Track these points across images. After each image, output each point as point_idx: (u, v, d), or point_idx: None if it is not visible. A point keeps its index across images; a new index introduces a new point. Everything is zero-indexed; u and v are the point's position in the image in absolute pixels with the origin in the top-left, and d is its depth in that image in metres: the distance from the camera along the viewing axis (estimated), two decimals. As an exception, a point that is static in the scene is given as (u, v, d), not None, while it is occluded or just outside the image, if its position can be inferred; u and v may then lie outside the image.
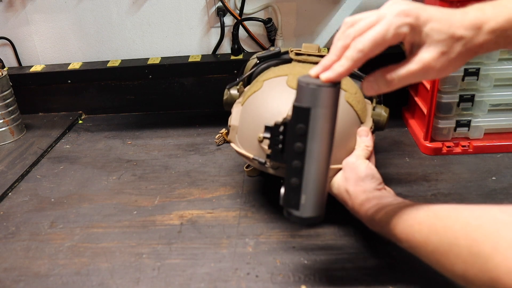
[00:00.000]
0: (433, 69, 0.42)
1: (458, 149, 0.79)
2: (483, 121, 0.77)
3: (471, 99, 0.75)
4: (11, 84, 0.95)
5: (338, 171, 0.59)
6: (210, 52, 1.03)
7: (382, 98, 0.69)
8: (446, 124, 0.77)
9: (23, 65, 1.08)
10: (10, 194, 0.77)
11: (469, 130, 0.78)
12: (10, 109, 0.94)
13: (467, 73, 0.73)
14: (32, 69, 1.03)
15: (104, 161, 0.85)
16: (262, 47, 1.01)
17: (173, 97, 1.03)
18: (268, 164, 0.59)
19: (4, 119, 0.93)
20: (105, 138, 0.95)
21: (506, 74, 0.74)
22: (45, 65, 1.05)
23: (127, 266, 0.58)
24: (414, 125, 0.86)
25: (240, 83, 0.73)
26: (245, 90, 0.71)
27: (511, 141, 0.78)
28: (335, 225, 0.62)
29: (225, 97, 0.72)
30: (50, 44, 1.05)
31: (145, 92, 1.03)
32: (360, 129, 0.61)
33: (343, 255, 0.57)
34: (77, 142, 0.94)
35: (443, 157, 0.78)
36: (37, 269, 0.59)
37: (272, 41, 1.01)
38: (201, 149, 0.87)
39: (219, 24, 0.99)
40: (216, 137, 0.88)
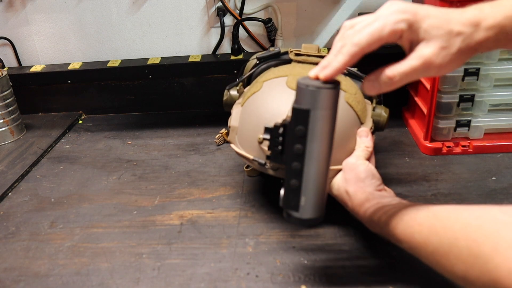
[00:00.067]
0: (433, 64, 0.42)
1: (458, 149, 0.79)
2: (483, 121, 0.77)
3: (471, 99, 0.75)
4: (11, 84, 0.95)
5: (338, 172, 0.59)
6: (210, 52, 1.03)
7: (382, 98, 0.69)
8: (446, 124, 0.77)
9: (23, 65, 1.08)
10: (10, 194, 0.77)
11: (469, 130, 0.78)
12: (10, 109, 0.94)
13: (467, 73, 0.73)
14: (32, 69, 1.03)
15: (104, 161, 0.85)
16: (262, 47, 1.01)
17: (173, 97, 1.03)
18: (268, 165, 0.59)
19: (4, 119, 0.93)
20: (105, 138, 0.95)
21: (506, 74, 0.74)
22: (45, 65, 1.05)
23: (127, 266, 0.58)
24: (414, 125, 0.86)
25: (240, 84, 0.73)
26: (245, 91, 0.71)
27: (511, 141, 0.78)
28: (335, 225, 0.62)
29: (225, 97, 0.72)
30: (50, 44, 1.05)
31: (145, 92, 1.03)
32: (360, 130, 0.61)
33: (343, 255, 0.57)
34: (77, 142, 0.94)
35: (443, 157, 0.78)
36: (37, 269, 0.59)
37: (272, 41, 1.01)
38: (201, 149, 0.87)
39: (219, 24, 0.99)
40: (216, 137, 0.88)
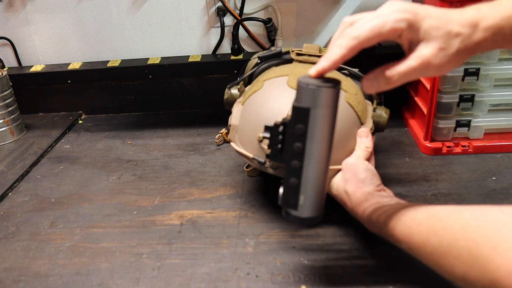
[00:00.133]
0: (432, 65, 0.42)
1: (458, 149, 0.79)
2: (483, 121, 0.77)
3: (471, 99, 0.75)
4: (11, 84, 0.95)
5: (337, 172, 0.59)
6: (210, 52, 1.03)
7: (383, 99, 0.69)
8: (446, 124, 0.77)
9: (23, 65, 1.08)
10: (10, 194, 0.77)
11: (469, 130, 0.78)
12: (10, 109, 0.94)
13: (467, 73, 0.73)
14: (32, 69, 1.03)
15: (104, 161, 0.85)
16: (262, 47, 1.01)
17: (173, 97, 1.03)
18: (268, 164, 0.59)
19: (4, 119, 0.93)
20: (105, 138, 0.95)
21: (506, 74, 0.74)
22: (45, 65, 1.05)
23: (127, 266, 0.58)
24: (414, 125, 0.86)
25: (240, 83, 0.73)
26: (246, 89, 0.71)
27: (511, 141, 0.78)
28: (335, 225, 0.62)
29: (225, 96, 0.72)
30: (50, 44, 1.05)
31: (145, 92, 1.03)
32: (360, 130, 0.61)
33: (343, 255, 0.57)
34: (77, 142, 0.94)
35: (443, 157, 0.78)
36: (37, 269, 0.59)
37: (272, 41, 1.01)
38: (201, 149, 0.87)
39: (219, 24, 0.99)
40: (216, 137, 0.88)
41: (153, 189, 0.75)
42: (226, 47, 1.03)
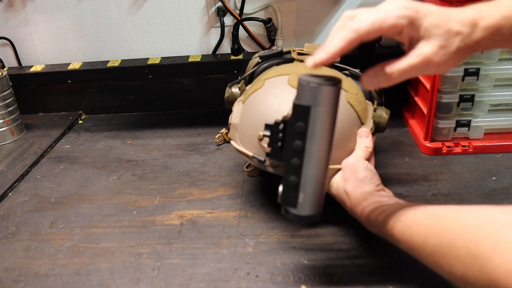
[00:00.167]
0: (432, 63, 0.42)
1: (458, 149, 0.79)
2: (483, 121, 0.77)
3: (471, 99, 0.75)
4: (11, 84, 0.95)
5: (337, 171, 0.59)
6: (210, 52, 1.03)
7: (384, 100, 0.69)
8: (446, 124, 0.77)
9: (23, 65, 1.08)
10: (10, 194, 0.77)
11: (469, 130, 0.78)
12: (10, 109, 0.94)
13: (467, 73, 0.73)
14: (32, 69, 1.03)
15: (104, 161, 0.85)
16: (262, 47, 1.01)
17: (173, 97, 1.03)
18: (268, 163, 0.59)
19: (4, 119, 0.93)
20: (105, 138, 0.95)
21: (506, 74, 0.74)
22: (45, 65, 1.05)
23: (127, 266, 0.58)
24: (414, 125, 0.86)
25: (241, 82, 0.73)
26: (247, 88, 0.71)
27: (511, 141, 0.78)
28: (335, 225, 0.62)
29: (226, 95, 0.72)
30: (50, 44, 1.05)
31: (145, 92, 1.03)
32: (361, 130, 0.61)
33: (343, 255, 0.57)
34: (77, 142, 0.94)
35: (443, 157, 0.78)
36: (37, 269, 0.59)
37: (272, 41, 1.01)
38: (201, 149, 0.87)
39: (219, 24, 0.99)
40: (216, 137, 0.88)
41: (153, 189, 0.75)
42: (226, 47, 1.03)
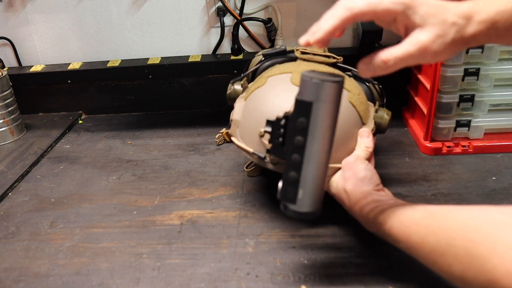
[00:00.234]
0: (429, 51, 0.42)
1: (458, 149, 0.79)
2: (483, 121, 0.77)
3: (471, 99, 0.75)
4: (11, 84, 0.95)
5: (337, 170, 0.59)
6: (210, 52, 1.03)
7: (385, 101, 0.69)
8: (446, 124, 0.77)
9: (23, 65, 1.08)
10: (10, 194, 0.77)
11: (469, 130, 0.78)
12: (10, 109, 0.94)
13: (467, 73, 0.73)
14: (32, 69, 1.03)
15: (104, 161, 0.85)
16: (262, 47, 1.01)
17: (173, 97, 1.03)
18: (268, 159, 0.59)
19: (4, 119, 0.93)
20: (105, 138, 0.95)
21: (506, 74, 0.74)
22: (45, 65, 1.05)
23: (127, 266, 0.58)
24: (414, 125, 0.86)
25: (244, 79, 0.73)
26: (249, 85, 0.71)
27: (511, 141, 0.78)
28: (335, 225, 0.62)
29: (228, 91, 0.72)
30: (50, 44, 1.05)
31: (145, 92, 1.03)
32: (361, 130, 0.61)
33: (343, 255, 0.57)
34: (77, 142, 0.94)
35: (443, 157, 0.78)
36: (37, 269, 0.59)
37: (272, 41, 1.01)
38: (201, 149, 0.87)
39: (219, 24, 0.99)
40: (216, 136, 0.88)
41: (153, 189, 0.75)
42: (226, 47, 1.03)
